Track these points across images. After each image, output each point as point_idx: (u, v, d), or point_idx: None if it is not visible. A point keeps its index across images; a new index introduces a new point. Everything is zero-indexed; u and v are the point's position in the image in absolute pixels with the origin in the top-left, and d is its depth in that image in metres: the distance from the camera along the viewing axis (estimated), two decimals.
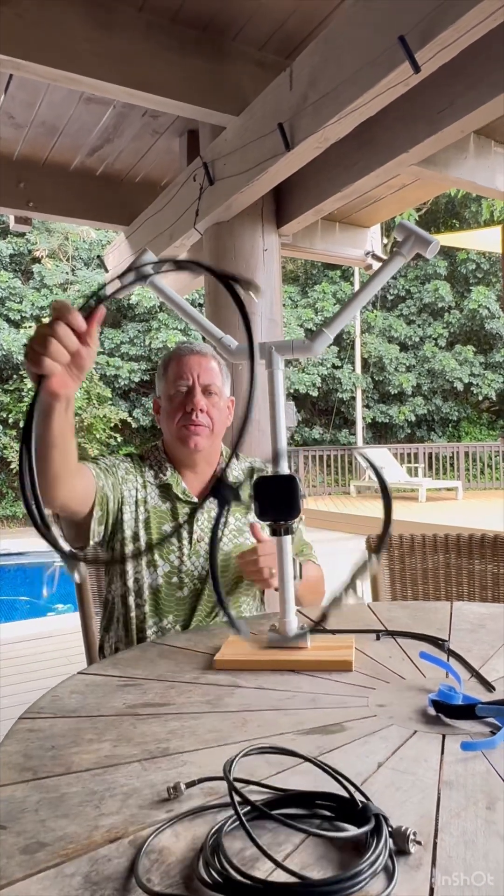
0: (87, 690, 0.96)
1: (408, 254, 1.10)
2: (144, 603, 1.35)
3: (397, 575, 1.77)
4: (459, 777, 0.67)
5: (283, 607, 1.08)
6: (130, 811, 0.63)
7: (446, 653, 1.05)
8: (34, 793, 0.67)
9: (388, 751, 0.74)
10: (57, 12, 2.23)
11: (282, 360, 1.10)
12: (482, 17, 1.54)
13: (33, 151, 3.44)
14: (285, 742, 0.76)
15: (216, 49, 2.51)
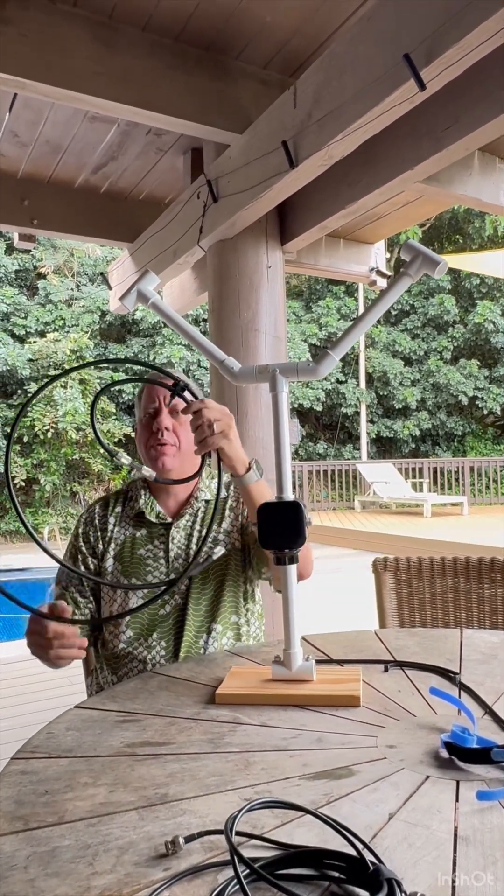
0: (84, 727, 0.92)
1: (415, 274, 1.07)
2: (127, 628, 1.33)
3: (405, 599, 1.73)
4: (476, 832, 0.63)
5: (287, 638, 1.05)
6: (125, 869, 0.59)
7: (458, 687, 1.01)
8: (24, 846, 0.64)
9: (400, 800, 0.70)
10: (61, 32, 2.24)
11: (286, 383, 1.07)
12: (488, 34, 1.53)
13: (38, 169, 3.45)
14: (290, 788, 0.73)
15: (220, 68, 2.52)
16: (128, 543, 1.39)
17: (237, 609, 1.38)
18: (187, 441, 1.39)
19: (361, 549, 8.83)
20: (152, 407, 1.40)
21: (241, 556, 1.41)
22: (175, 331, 1.16)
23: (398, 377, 15.48)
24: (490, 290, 15.63)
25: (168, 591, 1.11)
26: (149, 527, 1.40)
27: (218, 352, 1.12)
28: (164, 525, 1.40)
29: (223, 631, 1.35)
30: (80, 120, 2.97)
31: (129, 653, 1.32)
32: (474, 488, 13.20)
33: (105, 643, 1.38)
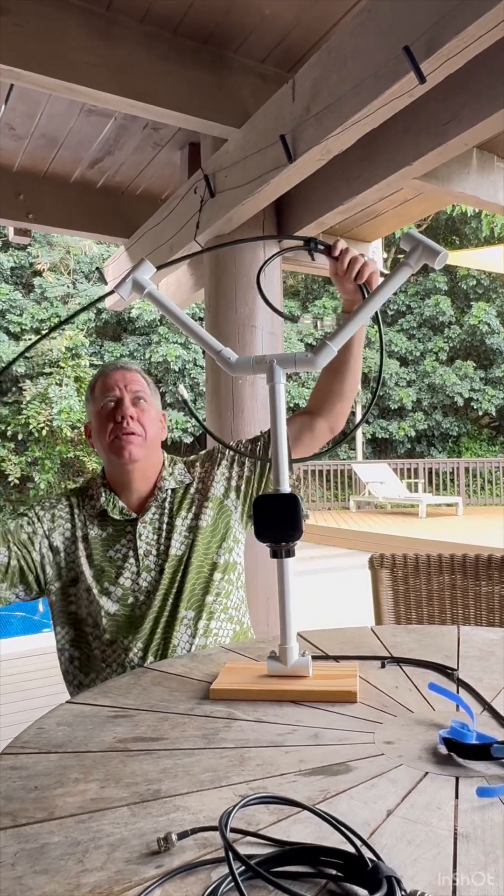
0: (75, 722, 0.90)
1: (415, 264, 1.06)
2: (103, 633, 1.31)
3: (401, 596, 1.72)
4: (477, 828, 0.62)
5: (283, 634, 1.03)
6: (116, 866, 0.57)
7: (456, 683, 1.00)
8: (12, 842, 0.62)
9: (398, 796, 0.68)
10: (57, 23, 2.21)
11: (283, 373, 1.05)
12: (488, 26, 1.52)
13: (33, 163, 3.42)
14: (286, 784, 0.71)
15: (218, 61, 2.50)
16: (96, 546, 1.35)
17: (209, 589, 1.35)
18: (153, 432, 1.36)
19: (356, 548, 8.83)
20: (112, 395, 1.35)
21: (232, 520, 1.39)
22: (171, 320, 1.14)
23: (394, 377, 15.49)
24: (486, 292, 15.66)
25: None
26: (114, 525, 1.36)
27: (214, 342, 1.11)
28: (130, 521, 1.36)
29: (196, 616, 1.32)
30: (76, 113, 2.94)
31: (106, 656, 1.30)
32: (469, 489, 13.21)
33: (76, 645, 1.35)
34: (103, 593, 1.32)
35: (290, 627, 1.03)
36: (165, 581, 1.32)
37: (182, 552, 1.35)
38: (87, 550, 1.34)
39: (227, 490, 1.41)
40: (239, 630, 1.40)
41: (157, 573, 1.33)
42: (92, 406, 1.39)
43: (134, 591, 1.32)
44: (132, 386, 1.36)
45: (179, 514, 1.37)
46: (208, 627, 1.33)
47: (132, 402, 1.35)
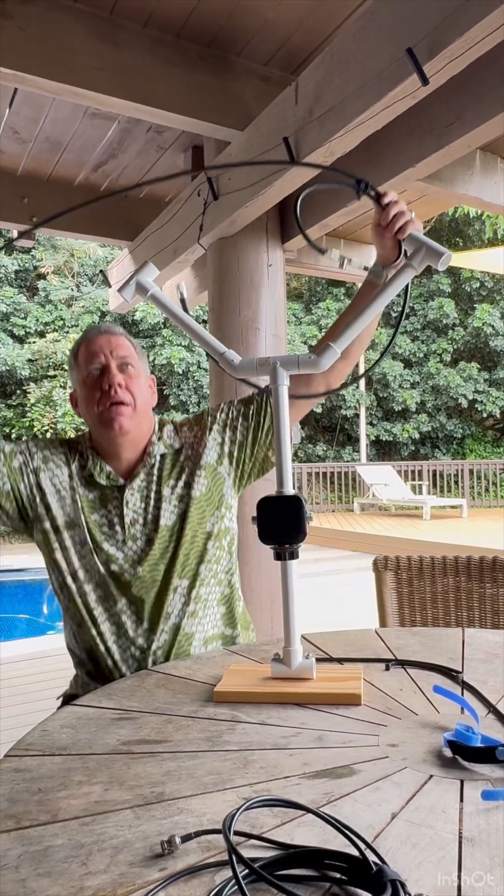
0: (79, 724, 0.90)
1: (419, 265, 1.06)
2: (93, 589, 1.29)
3: (405, 598, 1.71)
4: (482, 832, 0.61)
5: (287, 636, 1.03)
6: (120, 869, 0.57)
7: (461, 686, 0.99)
8: (16, 845, 0.62)
9: (403, 799, 0.68)
10: (62, 26, 2.22)
11: (287, 376, 1.05)
12: (491, 28, 1.52)
13: (38, 167, 3.44)
14: (290, 787, 0.71)
15: (221, 64, 2.50)
16: (84, 507, 1.31)
17: (202, 558, 1.33)
18: (143, 399, 1.32)
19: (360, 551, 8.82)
20: (98, 363, 1.29)
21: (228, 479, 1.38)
22: (175, 323, 1.14)
23: (398, 379, 15.48)
24: (490, 294, 15.64)
25: None
26: (100, 489, 1.32)
27: (218, 344, 1.10)
28: (117, 487, 1.32)
29: (189, 584, 1.31)
30: (80, 117, 2.96)
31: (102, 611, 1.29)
32: (474, 491, 13.18)
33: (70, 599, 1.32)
34: (95, 550, 1.29)
35: (294, 630, 1.03)
36: (156, 552, 1.30)
37: (173, 522, 1.32)
38: (80, 504, 1.31)
39: (220, 456, 1.37)
40: (228, 593, 1.38)
41: (143, 542, 1.30)
42: (76, 374, 1.34)
43: (119, 559, 1.30)
44: (118, 351, 1.30)
45: (168, 483, 1.33)
46: (199, 594, 1.32)
47: (119, 369, 1.29)
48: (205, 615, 1.33)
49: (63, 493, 1.32)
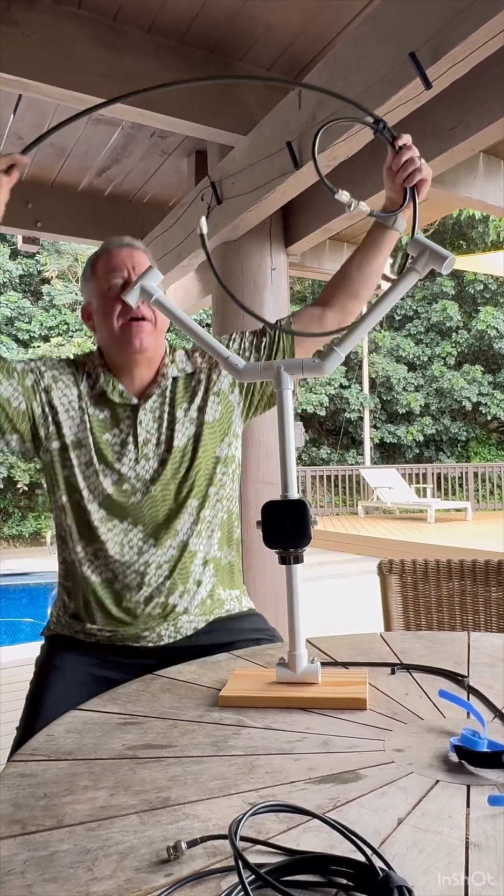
0: (84, 729, 0.90)
1: (422, 269, 1.06)
2: (97, 508, 1.29)
3: (410, 602, 1.71)
4: (489, 837, 0.61)
5: (292, 640, 1.03)
6: (126, 875, 0.57)
7: (466, 690, 0.99)
8: (22, 850, 0.62)
9: (409, 804, 0.67)
10: (65, 33, 2.23)
11: (291, 379, 1.06)
12: (494, 31, 1.52)
13: (42, 172, 3.45)
14: (296, 792, 0.71)
15: (224, 70, 2.51)
16: (95, 425, 1.30)
17: (212, 481, 1.35)
18: (161, 318, 1.31)
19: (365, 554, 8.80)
20: (120, 276, 1.27)
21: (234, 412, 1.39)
22: (179, 327, 1.14)
23: (402, 382, 15.47)
24: (493, 296, 15.63)
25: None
26: (112, 408, 1.31)
27: (222, 348, 1.11)
28: (130, 407, 1.31)
29: (198, 505, 1.32)
30: (84, 122, 2.97)
31: (107, 529, 1.28)
32: (478, 494, 13.16)
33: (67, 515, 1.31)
34: (102, 471, 1.29)
35: (299, 634, 1.03)
36: (168, 472, 1.30)
37: (185, 444, 1.32)
38: (89, 424, 1.30)
39: (231, 385, 1.39)
40: (226, 519, 1.39)
41: (156, 463, 1.30)
42: (94, 285, 1.31)
43: (132, 477, 1.29)
44: (140, 268, 1.28)
45: (181, 405, 1.34)
46: (205, 515, 1.34)
47: None
48: (208, 536, 1.35)
49: (72, 413, 1.30)
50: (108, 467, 1.29)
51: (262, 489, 2.80)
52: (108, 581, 1.31)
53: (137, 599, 1.30)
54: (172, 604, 1.31)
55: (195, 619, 1.34)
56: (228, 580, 1.41)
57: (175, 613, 1.32)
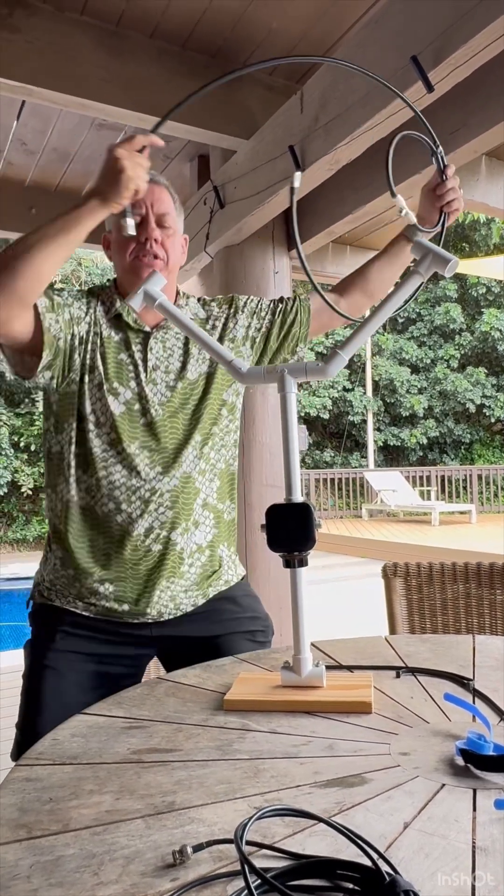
0: (90, 733, 0.90)
1: (425, 272, 1.06)
2: (106, 433, 1.28)
3: (415, 605, 1.70)
4: (495, 841, 0.61)
5: (297, 644, 1.03)
6: (131, 879, 0.57)
7: (472, 693, 0.99)
8: (27, 855, 0.62)
9: (415, 808, 0.67)
10: (69, 40, 2.24)
11: (295, 383, 1.06)
12: (496, 35, 1.52)
13: (45, 178, 3.46)
14: (301, 796, 0.70)
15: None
16: (109, 346, 1.31)
17: (216, 421, 1.36)
18: (174, 258, 1.33)
19: (369, 557, 8.79)
20: (138, 211, 1.28)
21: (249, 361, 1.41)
22: (182, 331, 1.15)
23: (405, 385, 15.46)
24: (496, 298, 15.61)
25: None
26: (127, 330, 1.32)
27: (226, 352, 1.11)
28: (143, 333, 1.32)
29: (202, 440, 1.33)
30: (87, 128, 2.98)
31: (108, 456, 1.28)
32: (482, 496, 13.13)
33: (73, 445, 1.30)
34: (111, 392, 1.29)
35: (304, 637, 1.02)
36: (176, 401, 1.32)
37: (197, 379, 1.34)
38: (101, 348, 1.30)
39: (244, 338, 1.41)
40: (226, 470, 1.40)
41: (164, 389, 1.31)
42: (115, 217, 1.33)
43: (140, 398, 1.30)
44: (159, 206, 1.30)
45: (194, 344, 1.36)
46: (208, 455, 1.35)
47: (157, 223, 1.29)
48: (210, 479, 1.36)
49: (90, 338, 1.30)
50: (119, 385, 1.29)
51: (266, 492, 2.80)
52: (110, 515, 1.28)
53: (139, 533, 1.28)
54: (173, 541, 1.30)
55: (192, 593, 1.34)
56: (227, 535, 1.42)
57: (174, 559, 1.30)
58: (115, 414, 1.29)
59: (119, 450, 1.28)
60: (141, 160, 1.13)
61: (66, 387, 1.30)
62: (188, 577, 1.34)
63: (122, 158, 1.11)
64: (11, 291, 1.12)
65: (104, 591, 1.29)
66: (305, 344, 1.48)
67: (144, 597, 1.30)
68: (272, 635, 1.46)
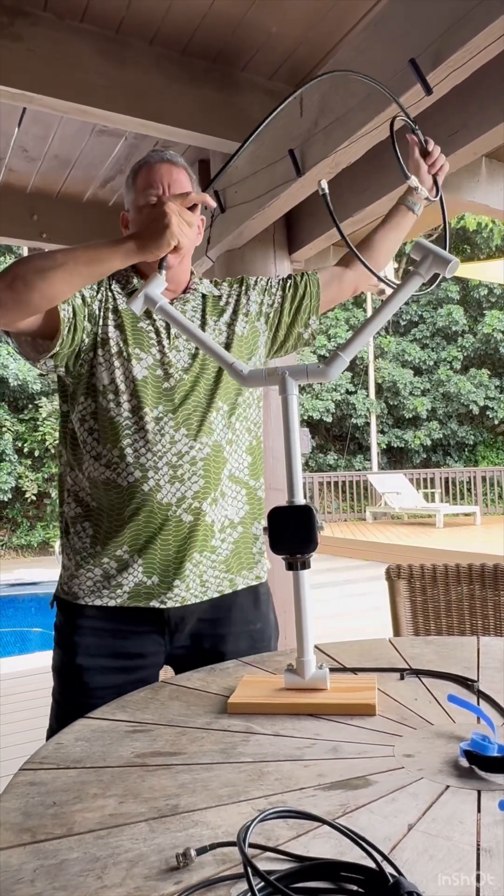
0: (94, 737, 0.90)
1: (426, 273, 1.06)
2: (127, 400, 1.27)
3: (419, 607, 1.70)
4: (500, 843, 0.61)
5: (300, 646, 1.02)
6: (135, 882, 0.57)
7: (476, 695, 0.99)
8: (31, 859, 0.62)
9: (419, 810, 0.67)
10: (69, 47, 2.26)
11: (296, 385, 1.06)
12: (494, 36, 1.52)
13: (46, 184, 3.48)
14: (305, 799, 0.70)
15: (226, 79, 2.53)
16: (126, 316, 1.32)
17: (240, 391, 1.38)
18: (189, 240, 1.30)
19: (373, 560, 8.77)
20: (154, 194, 1.29)
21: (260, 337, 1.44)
22: (183, 334, 1.15)
23: (408, 387, 15.44)
24: (498, 300, 15.60)
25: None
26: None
27: (227, 355, 1.11)
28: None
29: (228, 410, 1.34)
30: (88, 134, 2.99)
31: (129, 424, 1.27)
32: (487, 498, 13.10)
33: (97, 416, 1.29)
34: (134, 357, 1.28)
35: (308, 640, 1.02)
36: (197, 367, 1.32)
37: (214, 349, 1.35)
38: (117, 320, 1.31)
39: (258, 314, 1.44)
40: (255, 445, 1.42)
41: (187, 356, 1.32)
42: (132, 196, 1.35)
43: (164, 363, 1.31)
44: (175, 187, 1.30)
45: (212, 316, 1.38)
46: (235, 425, 1.35)
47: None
48: (238, 451, 1.37)
49: (102, 314, 1.31)
50: (140, 351, 1.29)
51: (270, 495, 2.79)
52: (136, 484, 1.26)
53: (168, 501, 1.27)
54: (203, 511, 1.29)
55: (220, 574, 1.33)
56: (260, 516, 1.42)
57: (205, 531, 1.30)
58: (136, 379, 1.28)
59: (141, 415, 1.27)
60: (189, 217, 1.15)
61: (78, 368, 1.31)
62: (219, 552, 1.33)
63: (171, 213, 1.12)
64: (24, 303, 1.13)
65: (134, 563, 1.28)
66: (318, 316, 1.51)
67: (173, 568, 1.28)
68: (276, 642, 1.46)
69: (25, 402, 12.82)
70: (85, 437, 1.31)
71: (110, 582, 1.30)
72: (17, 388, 12.43)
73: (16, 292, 1.12)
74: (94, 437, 1.30)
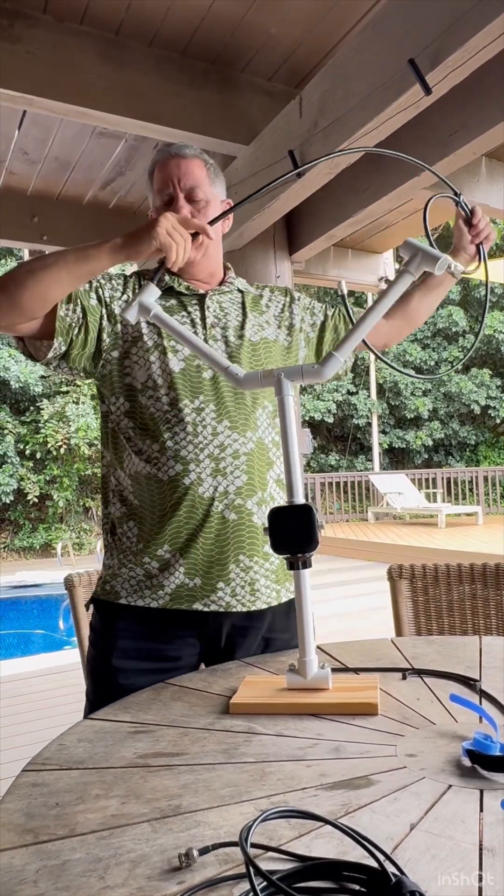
0: (96, 738, 0.90)
1: (416, 271, 1.07)
2: (165, 394, 1.25)
3: (421, 607, 1.70)
4: (502, 842, 0.60)
5: (302, 646, 1.02)
6: (138, 883, 0.57)
7: (478, 694, 0.98)
8: (34, 859, 0.62)
9: (421, 810, 0.67)
10: (69, 49, 2.26)
11: (291, 386, 1.06)
12: (493, 36, 1.53)
13: (47, 186, 3.48)
14: (308, 799, 0.70)
15: (225, 81, 2.53)
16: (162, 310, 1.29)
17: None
18: (211, 231, 1.28)
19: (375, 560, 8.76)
20: (166, 192, 1.29)
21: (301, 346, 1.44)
22: (178, 340, 1.15)
23: (409, 387, 15.44)
24: (499, 301, 15.60)
25: None
26: (178, 297, 1.32)
27: (222, 359, 1.12)
28: (197, 296, 1.32)
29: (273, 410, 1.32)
30: (88, 136, 3.00)
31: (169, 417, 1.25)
32: (489, 498, 13.08)
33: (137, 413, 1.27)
34: (170, 350, 1.26)
35: (310, 640, 1.02)
36: (236, 356, 1.29)
37: (259, 341, 1.33)
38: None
39: (299, 330, 1.44)
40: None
41: (224, 346, 1.30)
42: (151, 195, 1.34)
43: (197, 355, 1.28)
44: (186, 180, 1.29)
45: (254, 310, 1.37)
46: (278, 424, 1.32)
47: (187, 199, 1.29)
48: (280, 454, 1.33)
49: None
50: (177, 343, 1.27)
51: None
52: (177, 478, 1.23)
53: (210, 495, 1.23)
54: (249, 510, 1.25)
55: (272, 584, 1.29)
56: None
57: (252, 532, 1.25)
58: (174, 371, 1.26)
59: (180, 407, 1.25)
60: (184, 233, 1.14)
61: (100, 368, 1.29)
62: (272, 560, 1.28)
63: (164, 220, 1.12)
64: (17, 305, 1.13)
65: (175, 563, 1.24)
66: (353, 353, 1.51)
67: (217, 569, 1.24)
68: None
69: (27, 405, 12.83)
70: (127, 435, 1.29)
71: (152, 582, 1.25)
72: (19, 390, 12.44)
73: (8, 293, 1.12)
74: (135, 434, 1.28)
